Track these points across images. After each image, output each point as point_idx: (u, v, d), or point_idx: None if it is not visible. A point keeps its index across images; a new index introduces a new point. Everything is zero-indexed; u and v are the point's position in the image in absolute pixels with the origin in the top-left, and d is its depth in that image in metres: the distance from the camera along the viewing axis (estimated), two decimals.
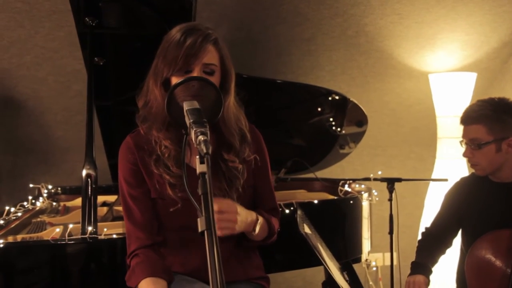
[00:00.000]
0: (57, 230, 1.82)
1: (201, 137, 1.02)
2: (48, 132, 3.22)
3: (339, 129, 3.04)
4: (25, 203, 2.43)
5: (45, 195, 2.67)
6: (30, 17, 2.61)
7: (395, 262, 2.66)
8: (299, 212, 1.89)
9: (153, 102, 1.40)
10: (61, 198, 2.86)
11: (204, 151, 0.98)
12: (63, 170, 3.27)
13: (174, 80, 1.35)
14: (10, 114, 3.15)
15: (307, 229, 1.76)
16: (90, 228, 1.72)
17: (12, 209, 2.29)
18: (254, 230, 1.42)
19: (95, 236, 1.72)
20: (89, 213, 1.74)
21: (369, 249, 2.67)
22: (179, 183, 1.38)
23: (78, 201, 2.46)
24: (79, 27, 1.99)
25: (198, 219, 0.98)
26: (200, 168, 1.02)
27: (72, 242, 1.68)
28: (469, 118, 1.86)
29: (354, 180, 2.83)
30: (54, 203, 2.65)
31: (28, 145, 3.31)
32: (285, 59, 3.08)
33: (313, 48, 3.05)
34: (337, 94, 2.86)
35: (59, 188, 2.94)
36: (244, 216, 1.37)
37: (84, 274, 1.68)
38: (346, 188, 2.70)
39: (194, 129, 1.05)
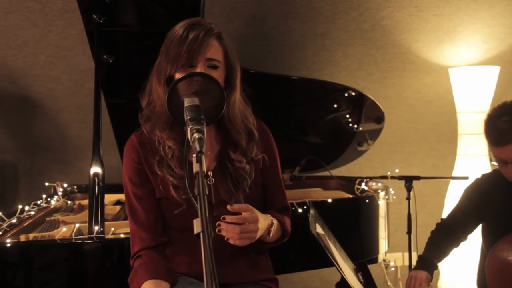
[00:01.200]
0: (64, 229, 1.81)
1: (196, 135, 0.98)
2: (64, 130, 3.23)
3: (355, 126, 2.99)
4: (38, 202, 2.45)
5: (60, 193, 2.68)
6: (43, 16, 2.62)
7: (414, 262, 2.59)
8: (311, 211, 1.85)
9: (156, 101, 1.37)
10: (76, 197, 2.88)
11: (198, 149, 0.94)
12: (78, 168, 3.28)
13: (178, 77, 1.32)
14: (27, 113, 3.17)
15: (319, 229, 1.72)
16: (96, 228, 1.70)
17: (27, 208, 2.31)
18: (269, 234, 1.39)
19: (102, 235, 1.70)
20: (96, 212, 1.72)
21: (386, 249, 2.60)
22: (183, 184, 1.35)
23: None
24: (87, 25, 1.98)
25: (194, 221, 0.94)
26: (196, 167, 0.98)
27: (79, 241, 1.67)
28: (502, 139, 1.73)
29: (371, 178, 2.76)
30: (69, 202, 2.66)
31: (45, 143, 3.34)
32: (299, 54, 3.02)
33: (328, 43, 2.99)
34: (353, 90, 2.80)
35: (74, 187, 2.95)
36: (263, 223, 1.34)
37: (89, 274, 1.66)
38: (363, 186, 2.63)
39: (190, 126, 1.01)
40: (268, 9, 2.79)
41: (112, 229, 1.79)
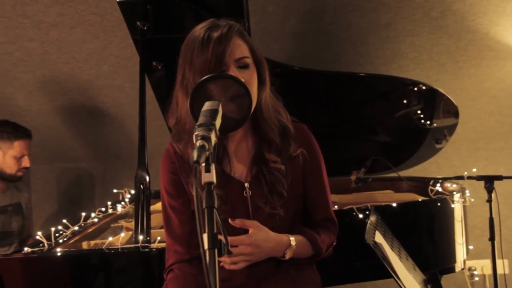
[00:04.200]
0: (122, 234, 1.82)
1: (198, 143, 0.89)
2: (132, 138, 3.32)
3: (428, 122, 2.79)
4: (103, 209, 2.51)
5: (127, 199, 2.74)
6: (102, 28, 2.70)
7: (502, 271, 2.35)
8: (371, 218, 1.71)
9: (185, 117, 1.27)
10: (154, 202, 2.93)
11: (194, 159, 0.85)
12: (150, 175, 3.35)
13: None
14: (96, 123, 3.31)
15: (378, 238, 1.58)
16: (141, 237, 1.68)
17: (93, 214, 2.38)
18: (284, 255, 1.29)
19: (147, 245, 1.68)
20: (142, 220, 1.71)
21: (465, 256, 2.36)
22: (218, 203, 1.27)
23: (158, 206, 2.47)
24: (133, 33, 1.98)
25: (203, 235, 0.86)
26: (205, 177, 0.90)
27: (125, 251, 1.67)
28: None
29: (444, 179, 2.53)
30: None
31: (115, 151, 3.47)
32: (361, 49, 2.86)
33: (393, 35, 2.80)
34: (423, 84, 2.62)
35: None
36: (271, 244, 1.26)
37: (133, 283, 1.64)
38: (437, 188, 2.41)
39: (196, 132, 0.92)
40: (324, 3, 2.66)
41: (159, 238, 1.76)
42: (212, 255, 0.85)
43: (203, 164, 0.91)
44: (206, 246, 0.86)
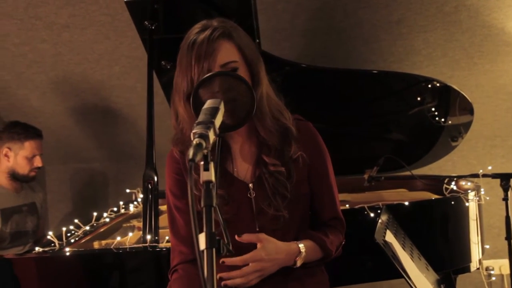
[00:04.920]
0: (130, 234, 1.83)
1: (195, 141, 0.88)
2: (144, 138, 3.31)
3: (442, 119, 2.74)
4: (115, 209, 2.53)
5: (139, 199, 2.75)
6: (113, 29, 2.71)
7: None
8: (382, 217, 1.69)
9: (182, 123, 1.26)
10: (162, 202, 2.94)
11: (190, 157, 0.84)
12: (160, 175, 3.36)
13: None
14: (109, 123, 3.33)
15: (389, 237, 1.56)
16: (149, 237, 1.68)
17: (105, 214, 2.39)
18: (295, 263, 1.27)
19: (156, 244, 1.68)
20: (150, 220, 1.71)
21: (481, 256, 2.31)
22: (221, 203, 1.26)
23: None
24: (141, 32, 1.99)
25: (200, 235, 0.85)
26: (203, 176, 0.89)
27: (133, 250, 1.67)
28: None
29: (459, 177, 2.49)
30: None
31: (128, 151, 3.48)
32: (373, 46, 2.82)
33: (405, 31, 2.75)
34: (436, 81, 2.59)
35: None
36: (280, 255, 1.24)
37: (143, 283, 1.64)
38: (453, 186, 2.37)
39: (194, 130, 0.91)
40: (335, 0, 2.63)
41: (167, 237, 1.76)
42: (210, 255, 0.84)
43: (202, 163, 0.90)
44: (202, 246, 0.85)
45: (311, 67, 2.46)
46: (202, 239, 0.85)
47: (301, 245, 1.27)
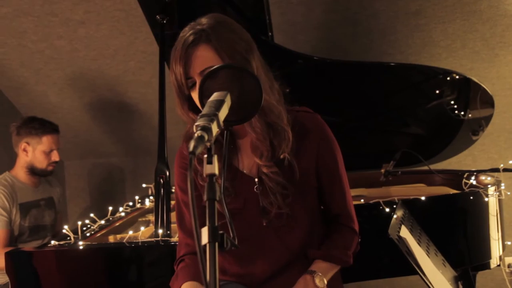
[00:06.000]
0: (142, 228, 1.84)
1: (197, 133, 0.86)
2: None
3: (462, 113, 2.67)
4: (130, 203, 2.54)
5: None
6: (128, 24, 2.72)
7: None
8: (398, 213, 1.65)
9: (184, 117, 1.28)
10: (172, 197, 2.95)
11: (190, 149, 0.82)
12: (172, 169, 3.37)
13: (193, 96, 1.20)
14: (126, 118, 3.35)
15: (404, 232, 1.52)
16: (161, 231, 1.69)
17: (120, 209, 2.41)
18: None
19: (168, 239, 1.68)
20: (162, 214, 1.71)
21: (501, 252, 2.25)
22: (227, 196, 1.26)
23: None
24: (153, 27, 1.98)
25: (202, 229, 0.84)
26: (207, 169, 0.87)
27: (145, 244, 1.67)
28: None
29: (478, 172, 2.42)
30: None
31: (145, 146, 3.50)
32: (390, 38, 2.76)
33: (423, 22, 2.68)
34: (456, 73, 2.52)
35: (172, 188, 3.04)
36: None
37: (154, 277, 1.65)
38: (472, 181, 2.31)
39: (197, 122, 0.89)
40: None
41: None
42: (212, 248, 0.83)
43: (205, 156, 0.89)
44: (205, 241, 0.83)
45: (327, 61, 2.42)
46: (205, 233, 0.84)
47: (317, 280, 1.24)
